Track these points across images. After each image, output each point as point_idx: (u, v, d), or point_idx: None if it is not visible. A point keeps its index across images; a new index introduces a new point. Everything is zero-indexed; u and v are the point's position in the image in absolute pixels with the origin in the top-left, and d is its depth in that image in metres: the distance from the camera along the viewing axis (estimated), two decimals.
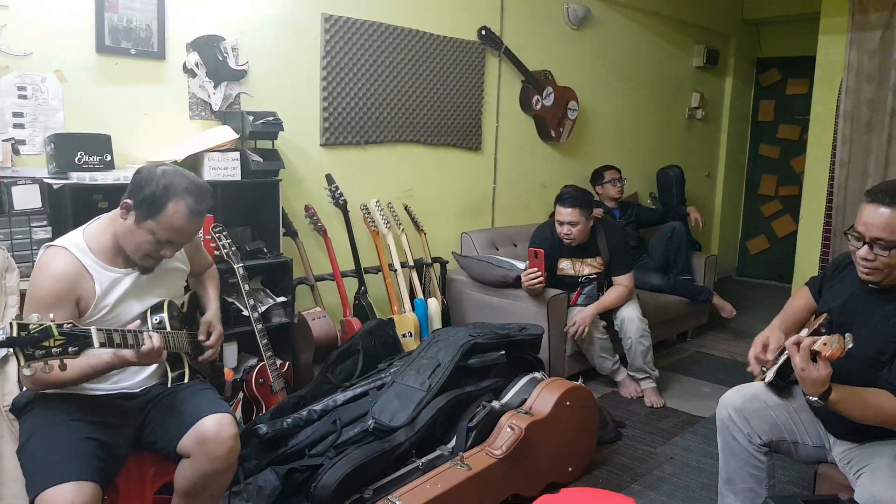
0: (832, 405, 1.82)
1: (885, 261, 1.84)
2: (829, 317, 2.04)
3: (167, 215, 1.85)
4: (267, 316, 3.11)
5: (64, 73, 2.72)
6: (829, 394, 1.80)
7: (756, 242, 7.10)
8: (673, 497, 2.75)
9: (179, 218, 1.86)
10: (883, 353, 1.88)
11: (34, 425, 1.81)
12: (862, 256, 1.89)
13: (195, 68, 3.05)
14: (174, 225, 1.86)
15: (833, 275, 2.18)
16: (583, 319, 3.57)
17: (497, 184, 4.58)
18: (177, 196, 1.85)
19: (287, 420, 2.58)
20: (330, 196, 3.54)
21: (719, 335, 5.02)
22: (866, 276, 1.91)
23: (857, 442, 2.00)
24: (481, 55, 4.25)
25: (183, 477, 1.89)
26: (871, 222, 1.84)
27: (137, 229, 1.87)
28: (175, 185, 1.86)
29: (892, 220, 1.81)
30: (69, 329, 1.55)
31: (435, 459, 2.52)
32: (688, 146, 6.33)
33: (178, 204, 1.85)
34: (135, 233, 1.88)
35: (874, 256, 1.86)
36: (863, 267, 1.90)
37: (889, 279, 1.89)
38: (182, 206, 1.86)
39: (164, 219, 1.85)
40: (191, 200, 1.87)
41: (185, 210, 1.86)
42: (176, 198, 1.85)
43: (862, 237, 1.88)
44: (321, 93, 3.51)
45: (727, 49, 6.55)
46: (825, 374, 1.77)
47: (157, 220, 1.85)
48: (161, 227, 1.86)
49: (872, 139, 4.63)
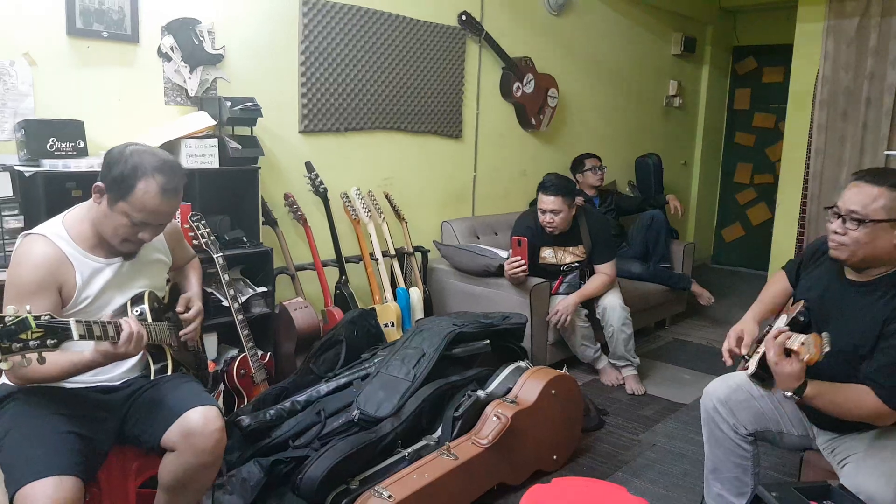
0: (807, 400, 1.82)
1: (854, 236, 1.84)
2: (805, 304, 2.04)
3: (138, 195, 1.78)
4: (247, 306, 3.06)
5: (33, 57, 2.63)
6: (804, 388, 1.80)
7: (731, 230, 7.17)
8: (657, 483, 2.76)
9: (151, 197, 1.79)
10: (861, 347, 1.88)
11: (13, 420, 1.75)
12: (833, 230, 1.90)
13: (170, 52, 2.97)
14: (147, 205, 1.80)
15: (809, 261, 2.17)
16: (565, 308, 3.56)
17: (477, 172, 4.55)
18: (146, 175, 1.78)
19: (270, 411, 2.54)
20: (310, 184, 3.49)
21: (697, 322, 5.06)
22: (834, 251, 1.92)
23: (839, 433, 2.01)
24: (461, 41, 4.20)
25: (168, 471, 1.85)
26: (848, 197, 1.87)
27: (112, 213, 1.81)
28: (144, 163, 1.79)
29: (869, 196, 1.83)
30: (47, 321, 1.49)
31: (421, 449, 2.50)
32: (665, 134, 6.35)
33: (148, 183, 1.78)
34: (110, 217, 1.82)
35: (845, 231, 1.86)
36: (832, 241, 1.91)
37: (854, 259, 1.89)
38: (153, 185, 1.79)
39: (135, 199, 1.78)
40: (161, 178, 1.80)
41: (157, 188, 1.79)
42: (145, 177, 1.78)
43: (838, 211, 1.89)
44: (300, 78, 3.45)
45: (704, 37, 6.57)
46: (798, 369, 1.77)
47: (128, 201, 1.78)
48: (133, 208, 1.79)
49: (848, 127, 4.67)
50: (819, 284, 2.06)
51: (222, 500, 2.28)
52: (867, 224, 1.82)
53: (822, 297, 2.02)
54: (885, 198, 1.81)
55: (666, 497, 2.66)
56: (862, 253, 1.86)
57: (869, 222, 1.81)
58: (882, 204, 1.81)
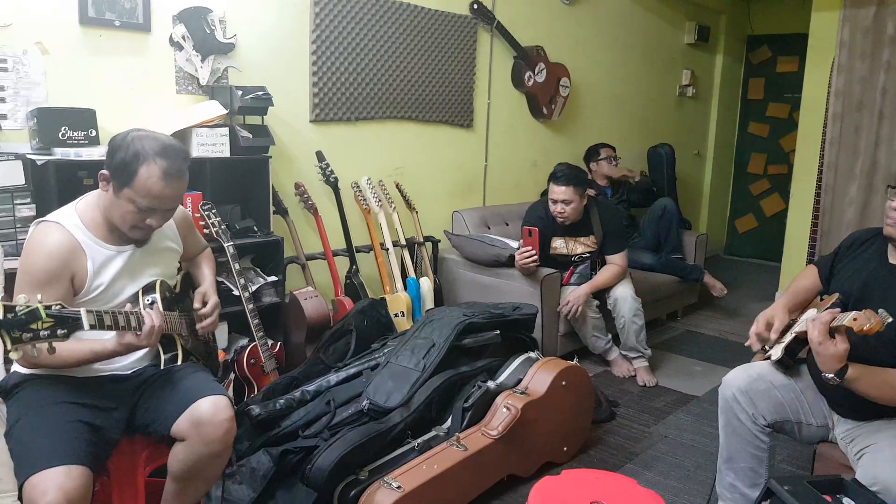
0: (848, 382, 1.79)
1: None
2: (840, 297, 2.01)
3: (141, 181, 1.77)
4: (258, 295, 3.06)
5: (46, 46, 2.63)
6: (846, 370, 1.77)
7: (744, 221, 7.11)
8: (668, 476, 2.75)
9: (155, 182, 1.78)
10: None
11: (22, 408, 1.76)
12: (894, 206, 1.88)
13: (182, 41, 2.96)
14: (151, 190, 1.79)
15: (847, 252, 2.14)
16: (576, 299, 3.55)
17: (488, 162, 4.53)
18: (147, 160, 1.77)
19: (280, 401, 2.55)
20: (320, 173, 3.48)
21: (709, 314, 5.03)
22: (890, 226, 1.90)
23: (861, 420, 1.98)
24: (473, 30, 4.18)
25: (177, 460, 1.85)
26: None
27: (118, 200, 1.80)
28: (145, 148, 1.78)
29: None
30: (58, 311, 1.50)
31: (430, 440, 2.49)
32: (678, 124, 6.30)
33: (150, 167, 1.77)
34: (116, 204, 1.81)
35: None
36: (890, 218, 1.90)
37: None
38: (155, 170, 1.77)
39: (138, 185, 1.77)
40: (164, 162, 1.79)
41: (159, 173, 1.78)
42: (147, 161, 1.77)
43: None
44: (311, 67, 3.44)
45: (718, 26, 6.51)
46: (843, 350, 1.74)
47: (132, 187, 1.78)
48: (137, 193, 1.78)
49: (863, 117, 4.61)
50: (863, 271, 2.03)
51: (232, 489, 2.28)
52: None
53: (865, 284, 2.00)
54: None
55: (677, 489, 2.65)
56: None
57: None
58: None
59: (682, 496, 2.61)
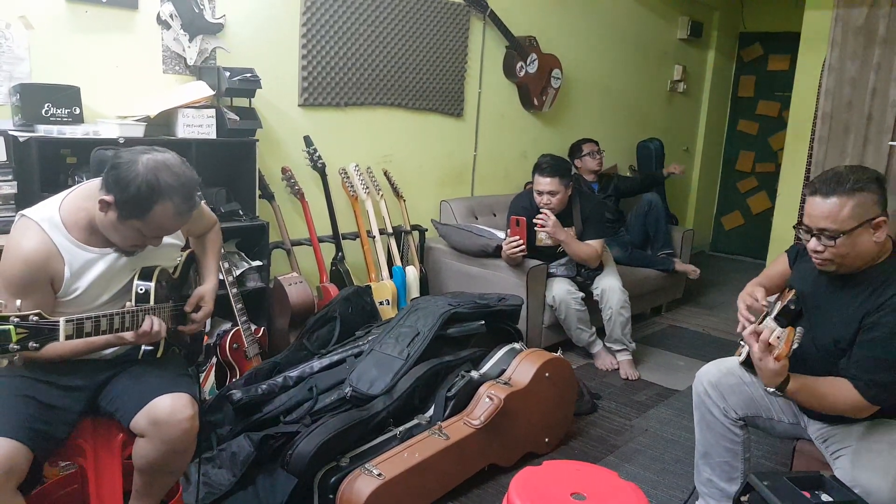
0: (790, 395, 1.83)
1: (834, 251, 1.83)
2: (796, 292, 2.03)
3: (154, 217, 1.71)
4: (242, 280, 3.04)
5: (30, 20, 2.58)
6: (787, 384, 1.80)
7: (731, 218, 7.14)
8: (648, 469, 2.76)
9: (168, 218, 1.73)
10: (841, 341, 1.88)
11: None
12: (812, 249, 1.89)
13: (169, 19, 2.92)
14: (163, 225, 1.75)
15: (803, 252, 2.15)
16: (555, 223, 3.53)
17: (478, 151, 4.51)
18: (163, 198, 1.69)
19: (262, 386, 2.53)
20: (308, 158, 3.45)
21: (693, 309, 5.05)
22: (820, 266, 1.92)
23: (829, 423, 2.01)
24: (466, 18, 4.15)
25: (139, 455, 1.82)
26: (813, 214, 1.84)
27: (121, 225, 1.73)
28: (161, 184, 1.69)
29: (833, 210, 1.80)
30: (34, 322, 1.49)
31: (413, 428, 2.49)
32: (668, 119, 6.30)
33: (165, 206, 1.70)
34: (119, 228, 1.74)
35: (823, 247, 1.85)
36: (815, 258, 1.91)
37: (844, 268, 1.88)
38: (170, 208, 1.71)
39: (151, 220, 1.72)
40: (179, 200, 1.72)
41: (174, 211, 1.73)
42: (163, 199, 1.69)
43: (809, 230, 1.87)
44: (300, 51, 3.40)
45: (711, 22, 6.50)
46: (781, 366, 1.77)
47: (143, 220, 1.71)
48: (148, 227, 1.73)
49: (852, 117, 4.62)
50: (808, 276, 2.05)
51: (211, 473, 2.27)
52: (842, 236, 1.80)
53: (811, 290, 2.03)
54: (848, 204, 1.79)
55: (656, 482, 2.67)
56: (849, 261, 1.86)
57: (843, 234, 1.80)
58: (848, 212, 1.79)
59: (661, 489, 2.62)
